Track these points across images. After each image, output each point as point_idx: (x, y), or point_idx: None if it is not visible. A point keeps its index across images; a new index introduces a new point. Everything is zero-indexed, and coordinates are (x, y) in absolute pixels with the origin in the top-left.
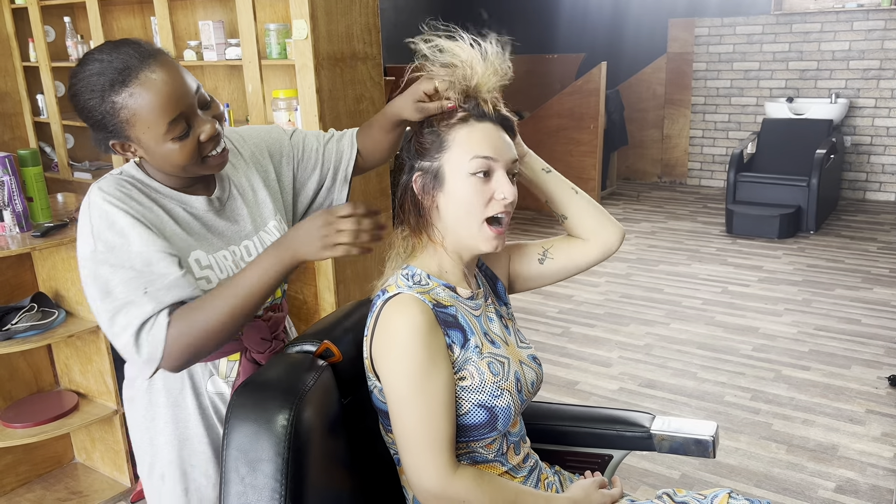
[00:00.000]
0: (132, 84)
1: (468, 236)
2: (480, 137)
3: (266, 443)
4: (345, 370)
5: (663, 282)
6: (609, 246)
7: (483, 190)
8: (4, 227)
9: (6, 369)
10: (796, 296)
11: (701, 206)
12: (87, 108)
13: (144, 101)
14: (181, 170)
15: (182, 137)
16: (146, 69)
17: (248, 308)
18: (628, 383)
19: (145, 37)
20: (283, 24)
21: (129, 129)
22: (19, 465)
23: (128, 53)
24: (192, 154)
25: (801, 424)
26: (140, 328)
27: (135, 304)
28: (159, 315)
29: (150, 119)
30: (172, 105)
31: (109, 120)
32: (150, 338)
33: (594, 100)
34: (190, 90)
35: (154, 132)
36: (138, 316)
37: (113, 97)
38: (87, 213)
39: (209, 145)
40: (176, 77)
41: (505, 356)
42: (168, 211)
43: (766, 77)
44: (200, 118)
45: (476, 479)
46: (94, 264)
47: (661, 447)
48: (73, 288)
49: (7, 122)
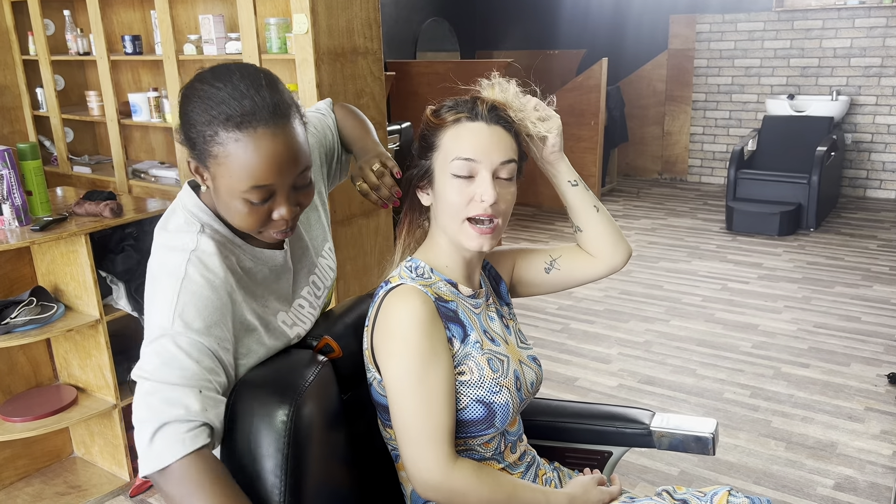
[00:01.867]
0: (245, 132)
1: (452, 234)
2: (466, 139)
3: (266, 438)
4: (345, 366)
5: (663, 278)
6: (616, 266)
7: (465, 191)
8: (3, 221)
9: (5, 363)
10: (796, 293)
11: (701, 202)
12: (190, 121)
13: (242, 155)
14: (236, 225)
15: (256, 204)
16: (268, 129)
17: None
18: (628, 380)
19: (144, 31)
20: (283, 19)
21: (212, 164)
22: (18, 459)
23: (262, 102)
24: (256, 224)
25: (800, 422)
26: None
27: (183, 397)
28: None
29: (238, 173)
30: (265, 176)
31: (200, 143)
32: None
33: (595, 96)
34: (294, 170)
35: (232, 185)
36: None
37: (219, 129)
38: (178, 284)
39: (277, 225)
40: (290, 150)
41: (504, 354)
42: (248, 274)
43: (767, 74)
44: (284, 198)
45: (475, 471)
46: (161, 335)
47: (661, 444)
48: (73, 282)
49: (6, 115)
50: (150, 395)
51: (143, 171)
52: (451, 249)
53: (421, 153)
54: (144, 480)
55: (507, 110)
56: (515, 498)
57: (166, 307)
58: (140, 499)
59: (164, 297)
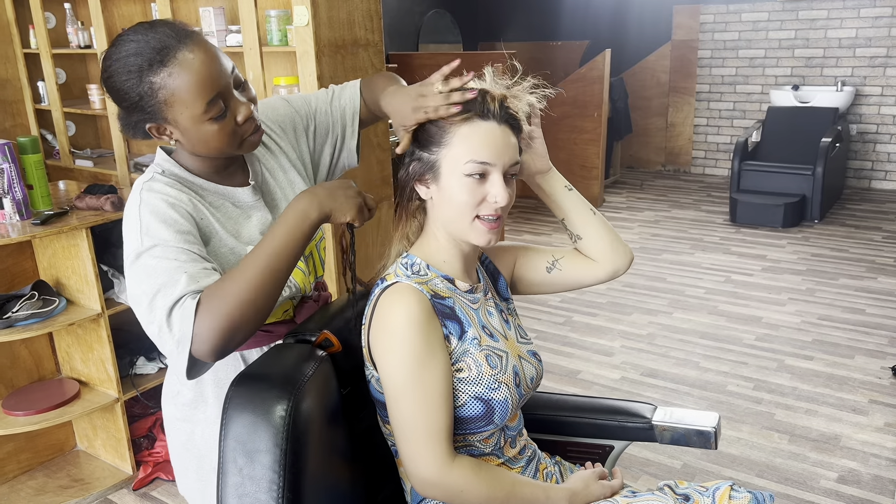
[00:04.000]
0: (170, 63)
1: (460, 231)
2: (480, 139)
3: (264, 433)
4: (344, 360)
5: (666, 271)
6: (618, 270)
7: (477, 191)
8: (4, 216)
9: (7, 357)
10: (800, 285)
11: (705, 194)
12: (124, 90)
13: (183, 81)
14: (218, 151)
15: (219, 118)
16: (184, 48)
17: (279, 271)
18: (630, 373)
19: None
20: (283, 11)
21: (166, 111)
22: (21, 453)
23: (164, 33)
24: (229, 135)
25: (803, 414)
26: (172, 306)
27: (174, 284)
28: (195, 295)
29: (189, 99)
30: (210, 85)
31: (147, 101)
32: (181, 313)
33: (598, 87)
34: (226, 70)
35: (192, 112)
36: (172, 295)
37: (151, 77)
38: (137, 211)
39: (246, 126)
40: (213, 57)
41: (503, 350)
42: (216, 208)
43: (771, 65)
44: (237, 99)
45: (473, 468)
46: (137, 258)
47: (663, 438)
48: (74, 276)
49: (8, 109)
50: (149, 306)
51: (144, 165)
52: (449, 244)
53: (424, 145)
54: (148, 474)
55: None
56: (514, 495)
57: (133, 232)
58: (143, 492)
59: (130, 226)
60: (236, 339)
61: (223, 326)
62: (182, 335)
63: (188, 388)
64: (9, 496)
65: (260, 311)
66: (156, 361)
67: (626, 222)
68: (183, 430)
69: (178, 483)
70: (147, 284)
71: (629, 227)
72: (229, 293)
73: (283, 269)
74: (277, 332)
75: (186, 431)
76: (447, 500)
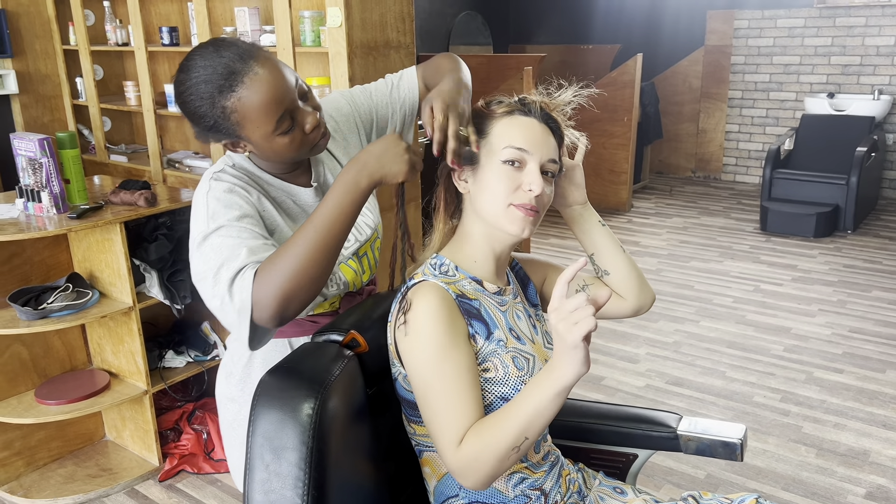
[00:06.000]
0: (238, 88)
1: (494, 219)
2: (519, 129)
3: (291, 431)
4: (371, 360)
5: (694, 278)
6: (642, 307)
7: (513, 177)
8: (42, 209)
9: (41, 347)
10: (831, 296)
11: (735, 202)
12: (198, 115)
13: (252, 103)
14: (290, 160)
15: (288, 132)
16: (249, 71)
17: (332, 242)
18: (655, 380)
19: (181, 23)
20: (317, 12)
21: (239, 130)
22: (52, 441)
23: (229, 57)
24: (298, 145)
25: (832, 428)
26: (235, 276)
27: (235, 258)
28: (255, 266)
29: (259, 118)
30: (278, 103)
31: (221, 124)
32: (241, 283)
33: (629, 92)
34: (291, 86)
35: (263, 131)
36: (234, 267)
37: (222, 102)
38: (205, 198)
39: (314, 134)
40: (278, 75)
41: (530, 353)
42: (279, 203)
43: (806, 72)
44: (303, 111)
45: (475, 430)
46: (204, 240)
47: (688, 448)
48: (107, 270)
49: (47, 104)
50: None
51: (177, 161)
52: (482, 242)
53: None
54: (173, 466)
55: (554, 111)
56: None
57: (200, 216)
58: (168, 483)
59: (197, 211)
60: (293, 306)
61: (278, 295)
62: (242, 305)
63: (238, 368)
64: (39, 483)
65: (314, 280)
66: (184, 356)
67: (654, 228)
68: (231, 410)
69: (228, 460)
70: (212, 261)
71: (657, 233)
72: (283, 264)
73: (336, 239)
74: (323, 322)
75: (233, 411)
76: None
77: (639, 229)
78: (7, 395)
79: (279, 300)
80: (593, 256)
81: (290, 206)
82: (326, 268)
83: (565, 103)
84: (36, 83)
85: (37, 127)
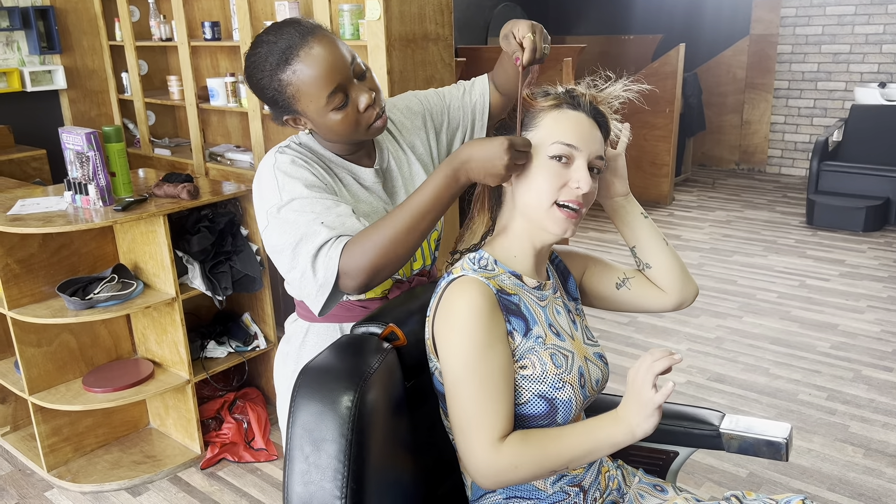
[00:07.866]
0: (294, 62)
1: (536, 217)
2: (567, 124)
3: (331, 423)
4: (409, 354)
5: (737, 273)
6: (685, 301)
7: (560, 174)
8: (89, 201)
9: (89, 336)
10: (881, 292)
11: (780, 195)
12: (261, 87)
13: (305, 76)
14: (345, 137)
15: (342, 107)
16: (306, 46)
17: (423, 225)
18: (697, 377)
19: (223, 17)
20: (356, 5)
21: (295, 104)
22: (98, 428)
23: (289, 33)
24: (352, 123)
25: (880, 428)
26: (317, 252)
27: (314, 234)
28: (337, 240)
29: (312, 92)
30: (330, 78)
31: (279, 97)
32: (326, 259)
33: (671, 83)
34: (346, 62)
35: (316, 104)
36: (316, 243)
37: (280, 75)
38: (272, 171)
39: (368, 114)
40: (333, 51)
41: (569, 350)
42: (340, 179)
43: (856, 61)
44: (357, 87)
45: (521, 438)
46: (278, 212)
47: (730, 447)
48: (151, 261)
49: (94, 98)
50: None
51: (219, 155)
52: (523, 237)
53: (511, 130)
54: (215, 455)
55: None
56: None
57: (271, 190)
58: (210, 471)
59: (266, 184)
60: (378, 278)
61: (367, 267)
62: (325, 279)
63: (293, 348)
64: (86, 468)
65: (400, 257)
66: (225, 346)
67: (696, 222)
68: (289, 366)
69: (279, 412)
70: (290, 235)
71: (700, 226)
72: (377, 238)
73: (427, 223)
74: (373, 307)
75: (292, 369)
76: (505, 484)
77: (680, 223)
78: (56, 382)
79: (368, 272)
80: (635, 249)
81: (352, 183)
82: (412, 249)
83: (614, 97)
84: (83, 78)
85: (84, 121)
